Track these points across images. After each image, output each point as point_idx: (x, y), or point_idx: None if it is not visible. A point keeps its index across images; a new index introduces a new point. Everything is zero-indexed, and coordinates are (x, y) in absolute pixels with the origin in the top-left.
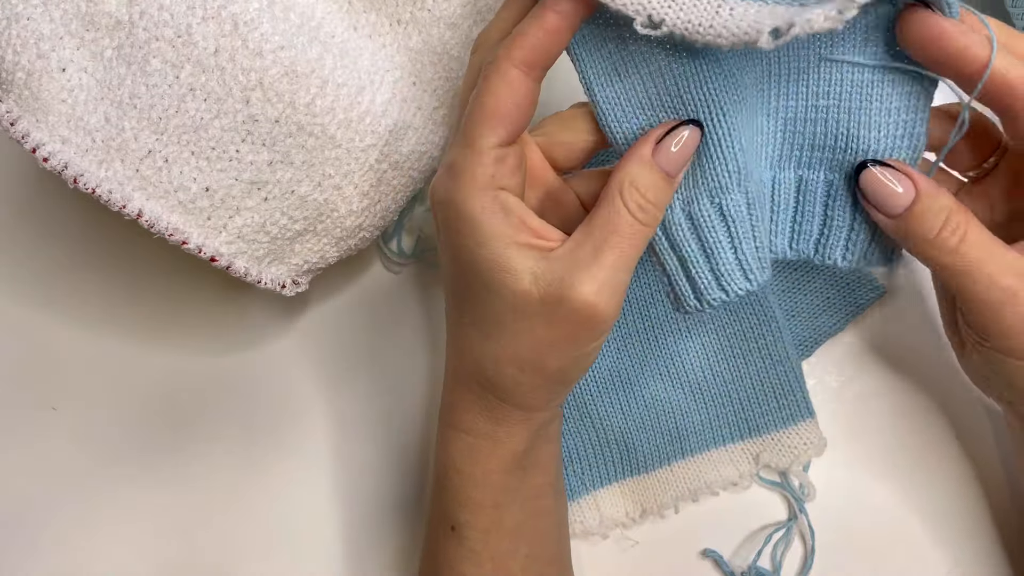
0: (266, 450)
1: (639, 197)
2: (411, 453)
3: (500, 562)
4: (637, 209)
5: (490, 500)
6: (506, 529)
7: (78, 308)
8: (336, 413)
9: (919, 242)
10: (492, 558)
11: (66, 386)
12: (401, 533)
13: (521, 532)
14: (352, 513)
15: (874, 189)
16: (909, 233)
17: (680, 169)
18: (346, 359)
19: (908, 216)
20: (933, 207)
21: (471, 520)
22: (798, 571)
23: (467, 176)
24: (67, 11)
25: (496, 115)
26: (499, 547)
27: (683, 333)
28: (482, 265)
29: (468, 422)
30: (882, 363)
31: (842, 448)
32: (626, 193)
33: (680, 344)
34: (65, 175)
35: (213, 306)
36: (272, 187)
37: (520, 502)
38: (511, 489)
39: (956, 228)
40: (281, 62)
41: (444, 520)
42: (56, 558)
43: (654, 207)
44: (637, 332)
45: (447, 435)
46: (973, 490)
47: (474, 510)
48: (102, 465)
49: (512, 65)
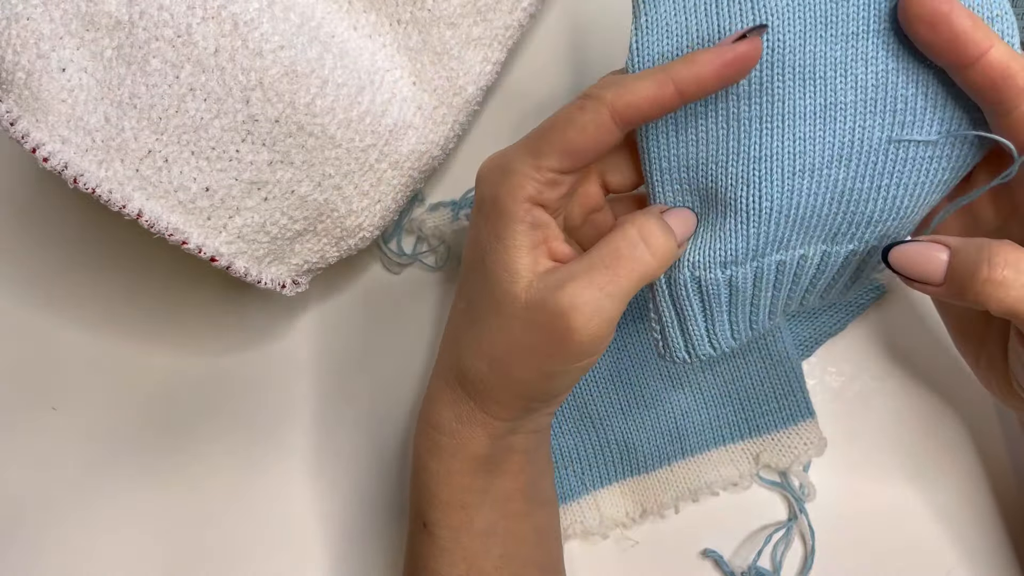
0: (266, 450)
1: (647, 233)
2: (411, 453)
3: (473, 562)
4: (640, 241)
5: (457, 500)
6: (477, 530)
7: (78, 308)
8: (336, 413)
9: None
10: (465, 558)
11: (66, 386)
12: (401, 533)
13: (494, 533)
14: (352, 513)
15: (911, 269)
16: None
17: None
18: (346, 359)
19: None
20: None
21: (441, 519)
22: (798, 571)
23: (515, 181)
24: (67, 11)
25: (572, 149)
26: (471, 547)
27: None
28: (491, 256)
29: (438, 417)
30: (882, 363)
31: (842, 448)
32: (636, 225)
33: None
34: (65, 175)
35: (213, 306)
36: (272, 187)
37: (490, 504)
38: (477, 491)
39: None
40: (281, 62)
41: (417, 517)
42: (56, 558)
43: (659, 249)
44: (637, 332)
45: (419, 428)
46: (973, 490)
47: (443, 509)
48: (102, 465)
49: (611, 112)
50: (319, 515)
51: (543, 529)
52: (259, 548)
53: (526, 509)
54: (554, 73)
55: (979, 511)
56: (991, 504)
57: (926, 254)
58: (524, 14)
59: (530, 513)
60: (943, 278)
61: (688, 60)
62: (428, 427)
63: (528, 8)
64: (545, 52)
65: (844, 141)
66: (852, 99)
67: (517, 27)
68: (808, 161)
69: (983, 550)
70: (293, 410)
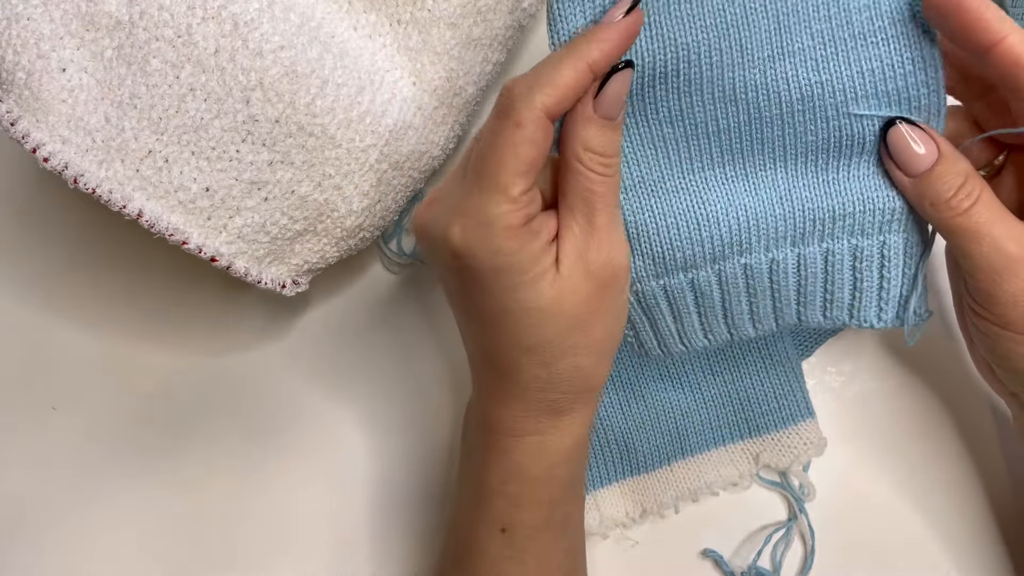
0: (266, 450)
1: (597, 156)
2: (411, 453)
3: (543, 558)
4: (600, 167)
5: (547, 496)
6: (555, 523)
7: (78, 308)
8: (336, 413)
9: (934, 203)
10: (536, 555)
11: (66, 386)
12: (401, 533)
13: (566, 525)
14: (352, 513)
15: (899, 147)
16: (926, 194)
17: (619, 109)
18: (346, 359)
19: (927, 176)
20: (952, 170)
21: (526, 519)
22: (798, 571)
23: (502, 225)
24: (67, 11)
25: (531, 165)
26: (544, 542)
27: None
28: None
29: (529, 426)
30: (882, 363)
31: (842, 448)
32: (584, 158)
33: None
34: (65, 175)
35: (213, 306)
36: (272, 187)
37: (570, 498)
38: (568, 483)
39: (971, 192)
40: (281, 62)
41: (492, 524)
42: (56, 558)
43: (612, 158)
44: None
45: (505, 444)
46: (973, 490)
47: (532, 508)
48: (102, 465)
49: (546, 114)
50: (319, 515)
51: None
52: (259, 548)
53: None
54: None
55: (978, 511)
56: (990, 504)
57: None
58: (524, 14)
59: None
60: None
61: (595, 40)
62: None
63: (528, 8)
64: (545, 52)
65: (776, 146)
66: (778, 112)
67: (517, 27)
68: (739, 168)
69: (982, 550)
70: (293, 410)
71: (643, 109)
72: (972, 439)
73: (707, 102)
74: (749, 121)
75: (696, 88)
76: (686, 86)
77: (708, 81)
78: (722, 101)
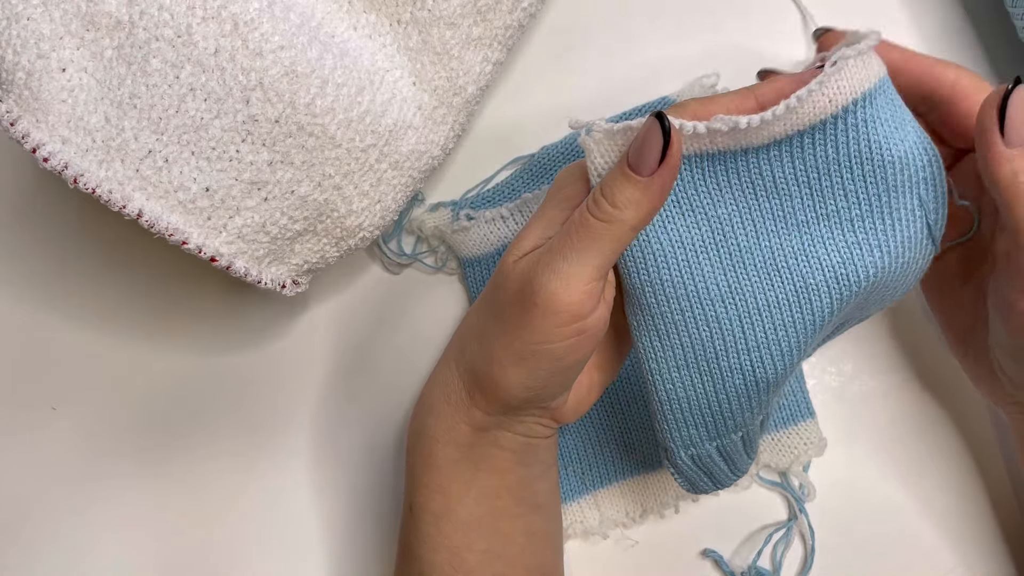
0: (266, 450)
1: (603, 199)
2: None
3: (455, 553)
4: (597, 208)
5: (436, 483)
6: (459, 519)
7: (78, 308)
8: (336, 413)
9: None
10: (447, 547)
11: (66, 386)
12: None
13: (478, 526)
14: (352, 513)
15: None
16: None
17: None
18: (346, 359)
19: None
20: None
21: (424, 503)
22: (798, 571)
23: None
24: (67, 11)
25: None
26: (453, 536)
27: None
28: None
29: (429, 395)
30: (882, 363)
31: (842, 448)
32: (592, 200)
33: None
34: (65, 175)
35: (213, 306)
36: (272, 187)
37: (475, 497)
38: (460, 480)
39: None
40: (281, 62)
41: (405, 498)
42: (56, 558)
43: (615, 209)
44: None
45: (415, 410)
46: (973, 489)
47: (426, 493)
48: (102, 465)
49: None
50: (319, 515)
51: (536, 533)
52: (259, 548)
53: (516, 510)
54: (554, 73)
55: (978, 511)
56: (990, 504)
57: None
58: (524, 14)
59: (521, 515)
60: None
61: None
62: (420, 407)
63: (528, 8)
64: (545, 52)
65: (824, 316)
66: (822, 279)
67: (517, 27)
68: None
69: (982, 550)
70: (293, 410)
71: (695, 290)
72: (972, 439)
73: (752, 275)
74: (796, 291)
75: (738, 260)
76: (728, 259)
77: (748, 252)
78: (766, 271)
